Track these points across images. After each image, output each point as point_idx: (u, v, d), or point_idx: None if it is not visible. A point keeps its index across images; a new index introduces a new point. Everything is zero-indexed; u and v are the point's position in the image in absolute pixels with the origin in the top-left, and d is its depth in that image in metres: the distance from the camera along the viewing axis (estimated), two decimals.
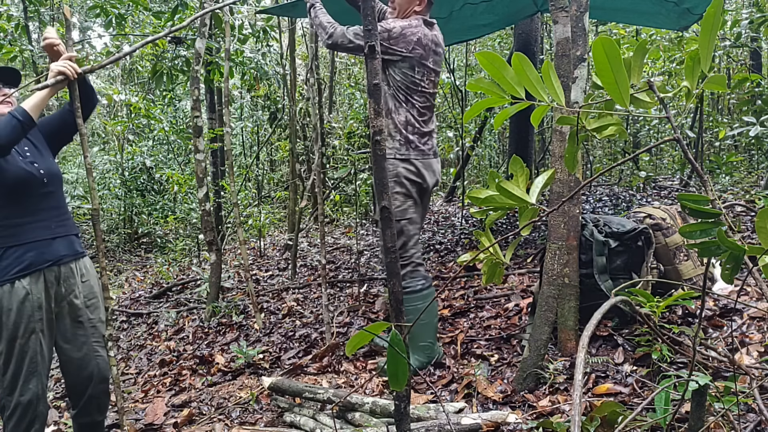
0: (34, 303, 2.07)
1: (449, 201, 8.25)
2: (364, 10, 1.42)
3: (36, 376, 2.08)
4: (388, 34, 2.72)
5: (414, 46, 2.75)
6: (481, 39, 8.99)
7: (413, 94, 2.82)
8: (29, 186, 2.09)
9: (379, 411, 2.36)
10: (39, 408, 2.08)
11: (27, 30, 5.49)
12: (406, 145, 2.82)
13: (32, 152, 2.18)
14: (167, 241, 9.37)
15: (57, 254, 2.14)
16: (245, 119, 10.63)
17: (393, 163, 2.80)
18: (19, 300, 2.04)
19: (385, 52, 2.74)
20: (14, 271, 2.04)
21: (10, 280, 2.04)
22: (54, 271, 2.14)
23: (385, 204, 1.43)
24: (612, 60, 0.97)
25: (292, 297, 4.75)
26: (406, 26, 2.75)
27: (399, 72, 2.78)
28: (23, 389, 2.05)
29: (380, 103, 1.44)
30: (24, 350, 2.06)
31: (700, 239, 0.99)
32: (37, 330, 2.08)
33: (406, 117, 2.81)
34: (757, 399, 1.47)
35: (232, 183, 4.28)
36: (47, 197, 2.15)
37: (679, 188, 6.28)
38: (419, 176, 2.84)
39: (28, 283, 2.06)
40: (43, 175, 2.14)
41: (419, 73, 2.81)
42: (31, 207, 2.10)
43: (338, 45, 2.80)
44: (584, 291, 2.57)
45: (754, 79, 5.18)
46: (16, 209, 2.07)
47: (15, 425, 2.04)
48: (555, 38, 2.57)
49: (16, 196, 2.07)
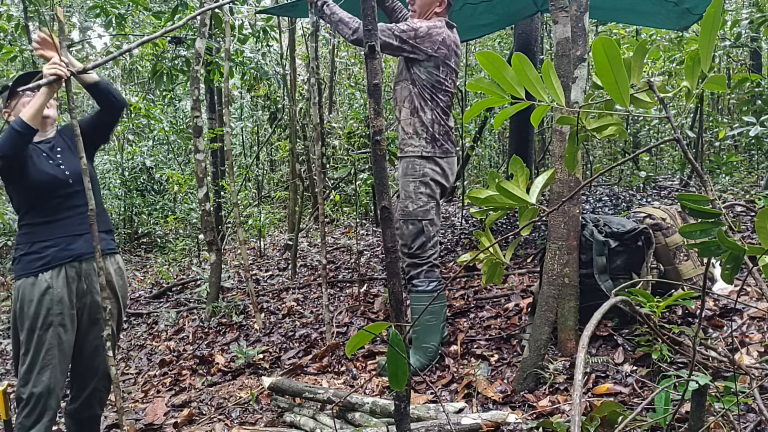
0: (54, 297, 2.16)
1: (449, 201, 8.25)
2: (364, 10, 1.43)
3: (50, 369, 2.14)
4: (415, 33, 2.75)
5: (439, 45, 2.79)
6: (481, 39, 8.99)
7: (438, 92, 2.86)
8: (53, 187, 2.20)
9: (379, 411, 2.36)
10: (49, 402, 2.13)
11: (27, 30, 5.48)
12: (432, 143, 2.85)
13: (63, 154, 2.29)
14: (167, 241, 9.37)
15: (78, 251, 2.24)
16: (245, 119, 10.64)
17: (420, 163, 2.84)
18: (40, 292, 2.15)
19: (412, 51, 2.77)
20: (37, 265, 2.17)
21: (33, 273, 2.16)
22: (75, 267, 2.24)
23: (386, 204, 1.43)
24: (612, 60, 0.97)
25: (292, 297, 4.75)
26: (431, 26, 2.79)
27: (425, 71, 2.82)
28: (37, 380, 2.12)
29: (380, 103, 1.44)
30: (41, 342, 2.14)
31: (700, 239, 0.99)
32: (56, 324, 2.16)
33: (432, 115, 2.85)
34: (757, 399, 1.47)
35: (232, 183, 4.28)
36: (72, 197, 2.25)
37: (679, 188, 6.28)
38: (444, 177, 2.89)
39: (50, 277, 2.17)
40: (69, 176, 2.24)
41: (443, 72, 2.85)
42: (56, 206, 2.22)
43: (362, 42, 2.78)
44: (584, 291, 2.57)
45: (754, 79, 5.18)
46: (40, 209, 2.20)
47: (26, 416, 2.10)
48: (555, 38, 2.57)
49: (40, 197, 2.19)
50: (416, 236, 2.84)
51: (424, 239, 2.84)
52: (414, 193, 2.83)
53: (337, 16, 2.87)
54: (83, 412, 2.36)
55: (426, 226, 2.84)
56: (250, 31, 5.83)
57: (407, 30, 2.75)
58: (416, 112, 2.85)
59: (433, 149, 2.85)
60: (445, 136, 2.89)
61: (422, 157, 2.84)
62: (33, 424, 2.10)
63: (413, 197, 2.83)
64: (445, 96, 2.89)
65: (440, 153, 2.87)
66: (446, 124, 2.91)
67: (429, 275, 2.86)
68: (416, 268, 2.86)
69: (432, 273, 2.87)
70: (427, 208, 2.84)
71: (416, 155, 2.84)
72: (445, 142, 2.89)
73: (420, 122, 2.84)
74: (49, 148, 2.29)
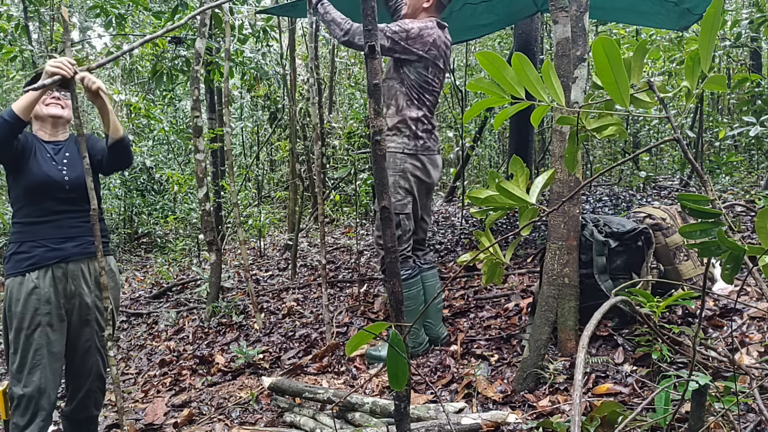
0: (41, 297, 2.16)
1: (449, 201, 8.24)
2: (364, 10, 1.42)
3: (40, 369, 2.13)
4: (407, 34, 2.79)
5: (430, 46, 2.84)
6: (481, 39, 8.99)
7: (425, 92, 2.92)
8: (49, 189, 2.20)
9: (379, 411, 2.36)
10: (41, 402, 2.13)
11: (27, 30, 5.48)
12: (414, 140, 2.91)
13: (70, 161, 2.30)
14: (167, 241, 9.36)
15: (65, 252, 2.23)
16: (245, 119, 10.63)
17: (401, 158, 2.90)
18: (27, 292, 2.15)
19: (403, 52, 2.81)
20: (25, 264, 2.17)
21: (21, 272, 2.17)
22: (62, 268, 2.23)
23: (385, 204, 1.43)
24: (612, 60, 0.97)
25: (292, 297, 4.75)
26: (423, 27, 2.82)
27: (414, 71, 2.87)
28: (27, 381, 2.12)
29: (380, 103, 1.43)
30: (29, 342, 2.14)
31: (700, 239, 0.99)
32: (44, 324, 2.16)
33: (417, 114, 2.91)
34: (757, 399, 1.47)
35: (232, 183, 4.28)
36: (67, 202, 2.25)
37: (679, 188, 6.28)
38: (425, 173, 2.95)
39: (36, 277, 2.17)
40: (67, 182, 2.24)
41: (432, 73, 2.90)
42: (48, 208, 2.22)
43: (353, 43, 2.85)
44: (584, 291, 2.57)
45: (754, 79, 5.18)
46: (33, 209, 2.21)
47: (19, 416, 2.11)
48: (555, 38, 2.57)
49: (35, 197, 2.20)
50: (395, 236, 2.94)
51: (400, 233, 2.93)
52: (393, 187, 2.91)
53: (330, 15, 2.91)
54: (79, 413, 2.36)
55: (402, 221, 2.93)
56: (250, 31, 5.83)
57: (399, 31, 2.78)
58: (402, 110, 2.90)
59: (415, 146, 2.91)
60: (427, 134, 2.96)
61: (404, 152, 2.91)
62: (27, 424, 2.10)
63: (392, 191, 2.91)
64: (432, 96, 2.95)
65: (422, 150, 2.93)
66: (430, 123, 2.97)
67: (404, 265, 2.97)
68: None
69: (406, 263, 2.98)
70: (404, 202, 2.92)
71: (398, 151, 2.91)
72: (427, 140, 2.95)
73: (403, 121, 2.90)
74: (56, 150, 2.29)
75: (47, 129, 2.31)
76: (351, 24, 2.83)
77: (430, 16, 2.95)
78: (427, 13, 2.94)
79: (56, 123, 2.30)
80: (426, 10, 2.94)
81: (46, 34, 7.24)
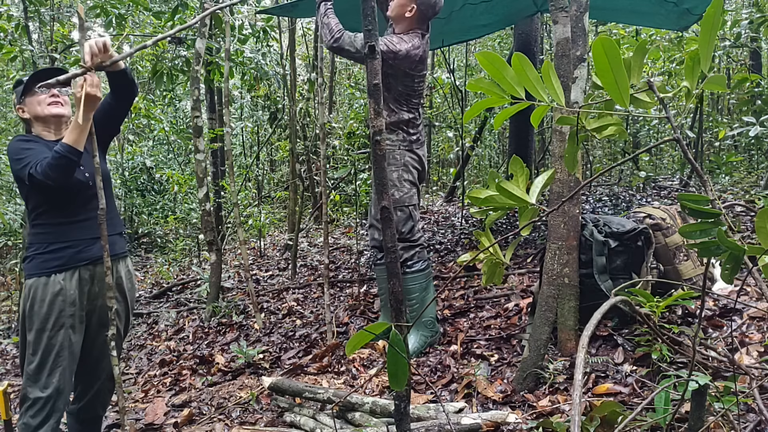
0: (67, 298, 2.13)
1: (449, 201, 8.24)
2: (364, 10, 1.42)
3: (60, 371, 2.11)
4: (395, 55, 2.91)
5: (417, 64, 3.00)
6: (481, 39, 8.99)
7: (411, 97, 3.11)
8: (75, 191, 2.16)
9: (379, 411, 2.36)
10: (57, 404, 2.11)
11: (27, 30, 5.47)
12: (408, 136, 3.12)
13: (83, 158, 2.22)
14: (167, 241, 9.37)
15: (94, 254, 2.21)
16: (245, 119, 10.63)
17: (399, 152, 3.10)
18: (53, 293, 2.11)
19: (390, 68, 2.94)
20: (52, 265, 2.13)
21: (46, 273, 2.12)
22: (89, 270, 2.21)
23: (386, 204, 1.43)
24: (612, 60, 0.97)
25: (292, 297, 4.75)
26: (410, 48, 2.94)
27: (401, 83, 3.04)
28: (47, 382, 2.09)
29: (380, 103, 1.44)
30: (51, 343, 2.11)
31: (700, 239, 0.99)
32: (67, 326, 2.13)
33: (406, 116, 3.09)
34: (757, 399, 1.47)
35: (232, 183, 4.28)
36: (92, 199, 2.19)
37: (679, 188, 6.28)
38: (420, 163, 3.17)
39: (63, 278, 2.14)
40: (89, 179, 2.19)
41: (417, 82, 3.09)
42: (76, 209, 2.18)
43: (342, 50, 2.98)
44: (584, 291, 2.57)
45: (754, 79, 5.18)
46: (60, 211, 2.16)
47: (32, 417, 2.07)
48: (555, 38, 2.57)
49: (61, 200, 2.15)
50: (406, 221, 3.08)
51: (412, 223, 3.09)
52: (398, 181, 3.07)
53: (326, 19, 3.02)
54: (86, 412, 2.35)
55: (412, 211, 3.09)
56: (250, 32, 5.82)
57: (386, 51, 2.88)
58: (392, 114, 3.06)
59: (410, 141, 3.12)
60: (415, 128, 3.16)
61: (401, 148, 3.09)
62: (40, 424, 2.06)
63: (398, 185, 3.07)
64: (417, 98, 3.14)
65: (416, 144, 3.15)
66: (416, 120, 3.16)
67: (421, 255, 3.11)
68: (409, 250, 3.09)
69: (422, 253, 3.13)
70: (411, 194, 3.10)
71: (396, 147, 3.09)
72: (416, 134, 3.16)
73: (394, 122, 3.07)
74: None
75: (51, 129, 2.25)
76: (343, 32, 2.96)
77: (412, 28, 3.00)
78: (409, 23, 3.00)
79: (59, 122, 2.25)
80: (408, 20, 3.00)
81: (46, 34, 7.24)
